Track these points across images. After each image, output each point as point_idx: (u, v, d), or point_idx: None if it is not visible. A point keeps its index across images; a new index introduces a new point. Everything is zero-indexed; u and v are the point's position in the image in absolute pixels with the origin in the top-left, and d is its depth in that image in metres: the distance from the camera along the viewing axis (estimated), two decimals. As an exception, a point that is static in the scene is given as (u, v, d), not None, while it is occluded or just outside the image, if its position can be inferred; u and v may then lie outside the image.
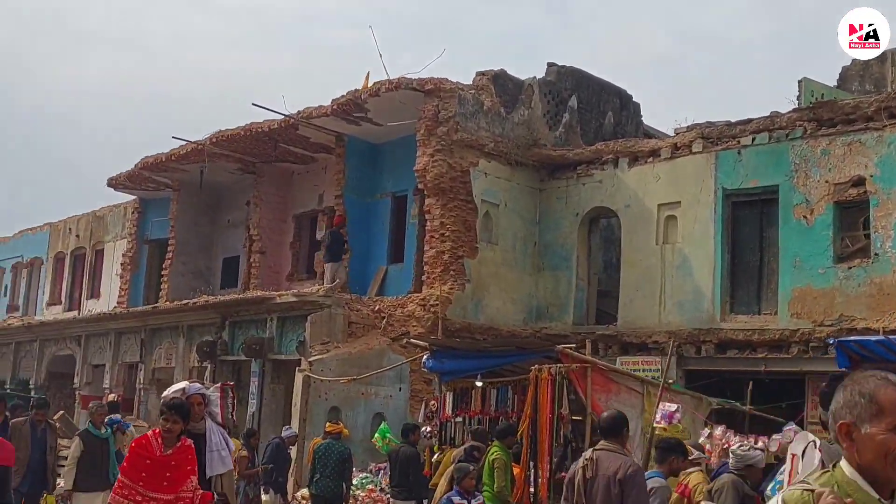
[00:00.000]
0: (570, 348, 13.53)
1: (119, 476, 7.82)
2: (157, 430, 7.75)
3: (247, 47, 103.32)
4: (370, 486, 15.86)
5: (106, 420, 13.22)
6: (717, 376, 18.39)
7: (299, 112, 22.35)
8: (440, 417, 15.27)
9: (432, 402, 16.01)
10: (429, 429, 15.61)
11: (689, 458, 9.36)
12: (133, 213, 31.19)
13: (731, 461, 8.30)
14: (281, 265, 26.34)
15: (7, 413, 14.00)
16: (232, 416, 12.42)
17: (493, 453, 12.15)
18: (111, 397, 24.10)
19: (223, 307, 20.98)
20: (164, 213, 29.93)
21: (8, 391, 24.79)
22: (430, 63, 38.14)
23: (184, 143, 25.56)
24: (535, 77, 21.99)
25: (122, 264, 31.09)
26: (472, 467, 11.14)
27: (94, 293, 33.14)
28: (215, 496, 8.22)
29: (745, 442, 10.19)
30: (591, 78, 23.55)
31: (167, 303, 23.74)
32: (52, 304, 35.02)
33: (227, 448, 8.69)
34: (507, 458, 12.27)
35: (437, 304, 19.03)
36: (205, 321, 21.93)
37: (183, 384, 9.00)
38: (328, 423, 15.53)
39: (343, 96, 21.16)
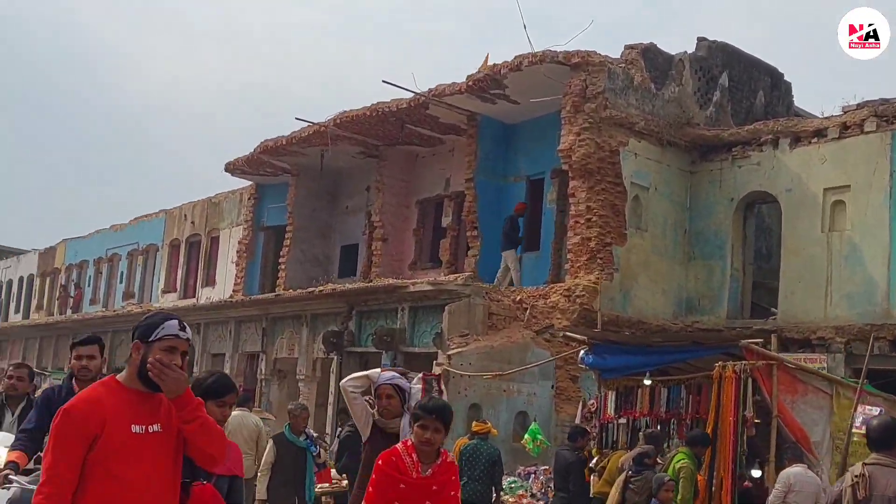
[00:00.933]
0: (757, 343, 12.02)
1: None
2: (410, 443, 5.89)
3: (343, 38, 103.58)
4: (520, 492, 14.53)
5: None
6: (892, 376, 16.67)
7: (430, 90, 21.13)
8: (600, 418, 13.87)
9: (591, 401, 14.61)
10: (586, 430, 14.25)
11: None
12: (249, 199, 30.39)
13: None
14: (403, 253, 25.19)
15: None
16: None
17: (679, 461, 10.74)
18: (231, 388, 23.30)
19: (351, 296, 19.86)
20: (281, 200, 29.09)
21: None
22: (577, 35, 36.44)
23: (306, 125, 24.58)
24: (685, 52, 20.39)
25: (237, 251, 30.33)
26: (668, 477, 9.74)
27: (210, 281, 32.48)
28: None
29: None
30: (742, 54, 21.83)
31: (290, 291, 22.75)
32: (167, 292, 34.49)
33: None
34: (695, 468, 10.84)
35: (584, 295, 17.62)
36: (330, 310, 20.86)
37: (371, 371, 7.60)
38: (475, 423, 14.21)
39: (479, 72, 19.86)
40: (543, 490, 14.41)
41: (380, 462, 5.90)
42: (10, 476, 5.78)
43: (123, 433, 4.10)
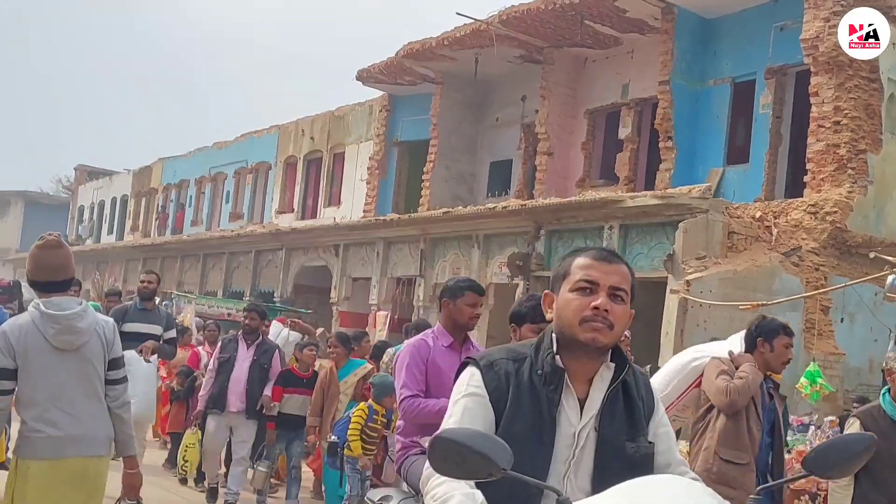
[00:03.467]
0: None
1: None
2: None
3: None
4: (800, 446, 11.92)
5: None
6: None
7: (626, -25, 18.30)
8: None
9: (907, 338, 11.91)
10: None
11: None
12: (381, 111, 27.75)
13: None
14: (569, 169, 22.46)
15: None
16: None
17: None
18: (381, 315, 21.05)
19: (541, 213, 17.21)
20: (417, 112, 26.51)
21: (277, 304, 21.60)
22: None
23: (466, 22, 21.85)
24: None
25: (368, 168, 27.79)
26: None
27: (333, 200, 29.98)
28: None
29: None
30: None
31: (461, 207, 20.14)
32: (281, 213, 32.05)
33: None
34: None
35: (836, 212, 14.85)
36: (510, 230, 18.25)
37: None
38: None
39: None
40: (830, 445, 11.77)
41: None
42: None
43: None
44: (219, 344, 10.81)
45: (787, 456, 11.55)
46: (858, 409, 7.24)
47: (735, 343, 6.48)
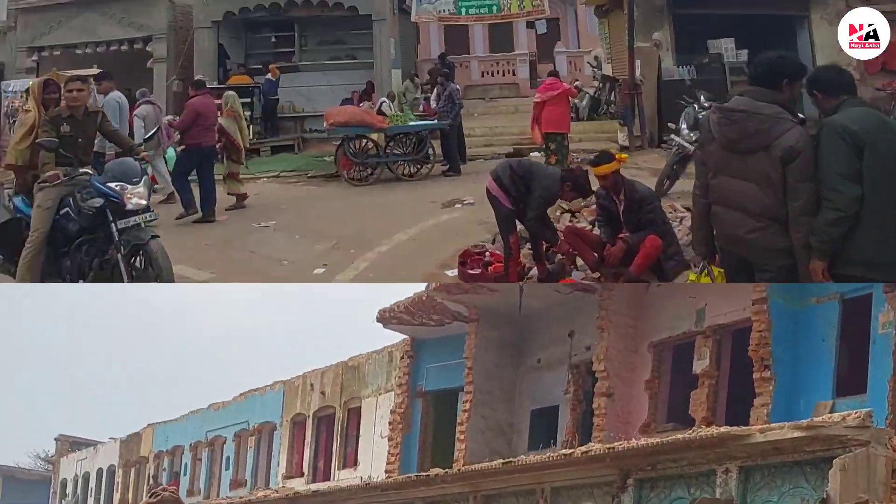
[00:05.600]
0: None
1: None
2: None
3: None
4: None
5: None
6: None
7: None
8: None
9: None
10: None
11: None
12: (402, 357, 24.82)
13: None
14: (631, 412, 19.09)
15: None
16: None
17: None
18: None
19: (631, 458, 13.93)
20: (442, 357, 23.47)
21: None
22: None
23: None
24: None
25: (390, 423, 24.60)
26: None
27: (348, 461, 26.50)
28: None
29: None
30: None
31: (521, 458, 16.86)
32: (289, 477, 28.49)
33: None
34: None
35: None
36: (586, 481, 14.88)
37: None
38: None
39: None
40: None
41: None
42: None
43: None
44: None
45: None
46: None
47: None
